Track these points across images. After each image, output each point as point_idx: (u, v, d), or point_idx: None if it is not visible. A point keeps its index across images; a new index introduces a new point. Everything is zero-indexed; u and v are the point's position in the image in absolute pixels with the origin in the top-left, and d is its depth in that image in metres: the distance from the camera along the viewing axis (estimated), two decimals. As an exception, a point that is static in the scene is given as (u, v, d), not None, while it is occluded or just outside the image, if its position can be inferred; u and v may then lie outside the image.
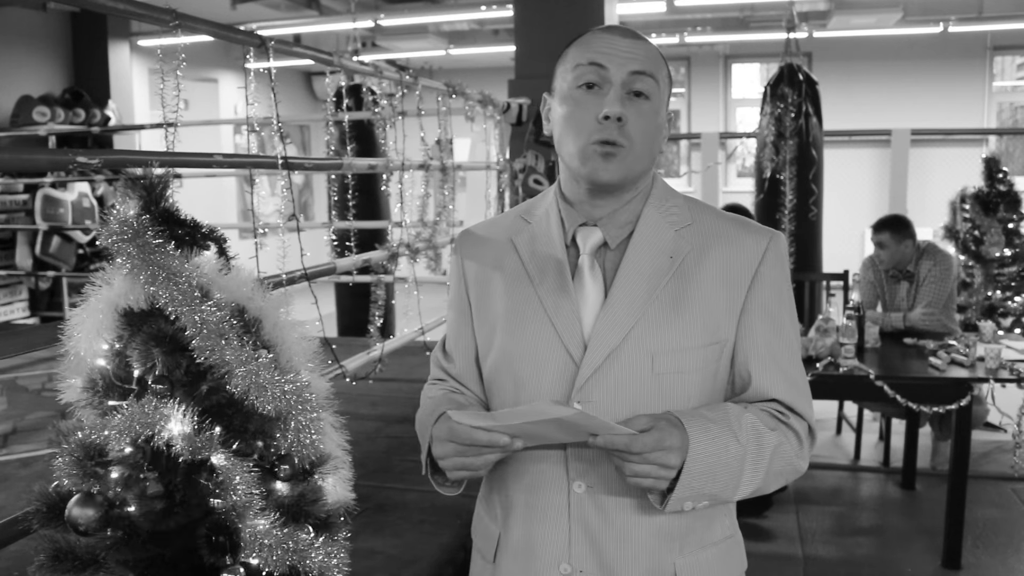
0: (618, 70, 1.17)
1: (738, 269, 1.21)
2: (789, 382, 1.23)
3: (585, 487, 1.20)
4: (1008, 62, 10.18)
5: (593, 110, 1.17)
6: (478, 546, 1.37)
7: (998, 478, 4.13)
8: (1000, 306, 5.24)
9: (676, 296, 1.19)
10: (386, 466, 3.10)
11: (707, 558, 1.23)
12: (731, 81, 10.71)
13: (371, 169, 4.29)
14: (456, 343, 1.37)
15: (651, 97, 1.19)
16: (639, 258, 1.21)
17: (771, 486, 1.20)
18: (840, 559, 3.39)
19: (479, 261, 1.32)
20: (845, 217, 9.28)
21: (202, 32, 2.33)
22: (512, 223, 1.33)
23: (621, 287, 1.20)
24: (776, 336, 1.22)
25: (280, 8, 7.67)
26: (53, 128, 6.89)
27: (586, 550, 1.20)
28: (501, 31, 9.21)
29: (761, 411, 1.19)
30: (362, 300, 5.62)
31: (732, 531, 1.29)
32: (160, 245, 1.33)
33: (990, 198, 5.32)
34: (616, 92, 1.17)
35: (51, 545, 1.31)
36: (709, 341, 1.19)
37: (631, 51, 1.18)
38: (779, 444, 1.17)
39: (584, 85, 1.19)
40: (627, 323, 1.18)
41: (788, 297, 1.25)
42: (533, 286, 1.24)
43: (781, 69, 5.62)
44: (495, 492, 1.33)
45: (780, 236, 1.25)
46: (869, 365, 3.41)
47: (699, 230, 1.23)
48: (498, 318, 1.27)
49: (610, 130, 1.16)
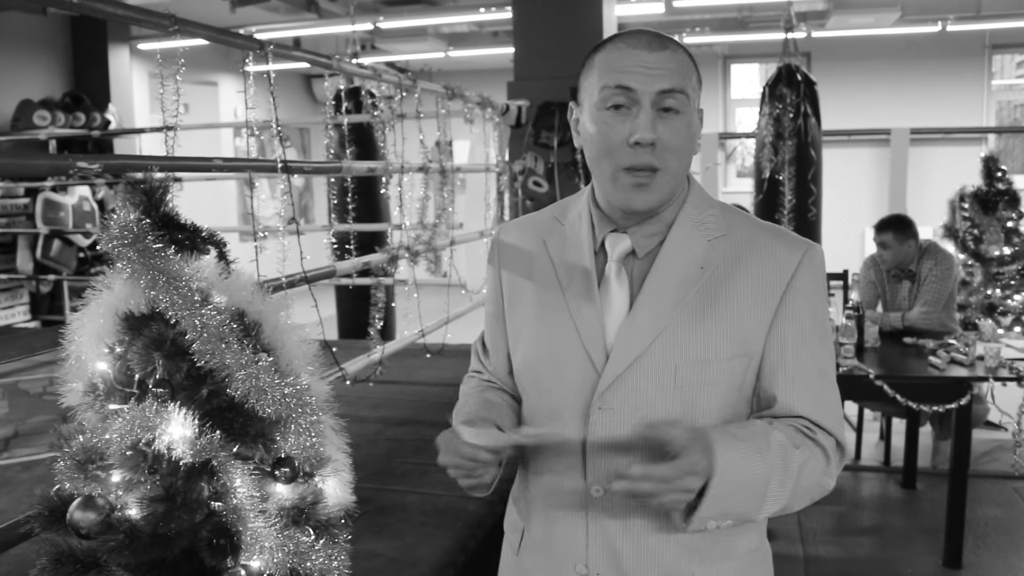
0: (646, 90, 1.13)
1: (770, 281, 1.17)
2: (816, 399, 1.19)
3: (603, 491, 1.19)
4: (1007, 60, 10.18)
5: (622, 133, 1.13)
6: (508, 538, 1.39)
7: (999, 477, 4.14)
8: (1000, 305, 5.24)
9: (704, 307, 1.16)
10: (387, 468, 3.11)
11: (729, 570, 1.21)
12: (730, 81, 10.72)
13: (371, 172, 4.29)
14: (492, 338, 1.39)
15: (682, 111, 1.15)
16: (669, 267, 1.18)
17: (797, 504, 1.16)
18: (841, 559, 3.39)
19: (513, 260, 1.32)
20: (845, 217, 9.29)
21: (201, 37, 2.33)
22: (546, 223, 1.32)
23: (648, 295, 1.18)
24: (806, 351, 1.18)
25: (279, 11, 7.68)
26: (53, 132, 6.90)
27: (603, 554, 1.20)
28: (500, 33, 9.22)
29: (788, 427, 1.15)
30: (362, 303, 5.62)
31: (759, 544, 1.26)
32: (160, 249, 1.34)
33: (989, 197, 5.33)
34: (646, 115, 1.12)
35: (52, 549, 1.32)
36: (736, 354, 1.16)
37: (659, 67, 1.13)
38: (805, 461, 1.13)
39: (612, 107, 1.14)
40: (651, 332, 1.16)
41: (823, 311, 1.21)
42: (561, 290, 1.23)
43: (779, 69, 5.63)
44: (521, 487, 1.35)
45: (817, 248, 1.21)
46: (869, 365, 3.41)
47: (733, 240, 1.20)
48: (526, 318, 1.28)
49: (642, 156, 1.13)
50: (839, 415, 1.21)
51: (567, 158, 4.94)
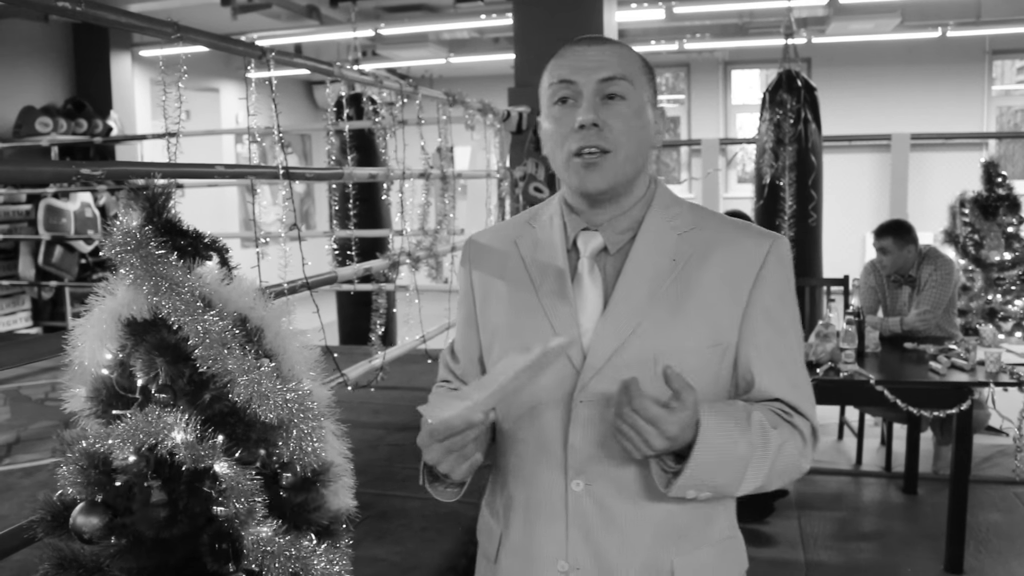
0: (587, 80, 1.20)
1: (740, 272, 1.22)
2: (792, 383, 1.24)
3: (584, 485, 1.21)
4: (1008, 66, 10.19)
5: (569, 122, 1.20)
6: (482, 547, 1.39)
7: (1000, 482, 4.13)
8: (1000, 310, 5.24)
9: (678, 299, 1.20)
10: (388, 474, 3.11)
11: (705, 557, 1.24)
12: (731, 87, 10.73)
13: (372, 178, 4.30)
14: (463, 344, 1.40)
15: (628, 97, 1.20)
16: (642, 261, 1.22)
17: (773, 484, 1.21)
18: (842, 564, 3.39)
19: (484, 263, 1.34)
20: (846, 222, 9.29)
21: (202, 44, 2.35)
22: (517, 227, 1.35)
23: (623, 289, 1.21)
24: (779, 338, 1.23)
25: (281, 18, 7.70)
26: (56, 138, 6.92)
27: (583, 548, 1.21)
28: (501, 39, 9.24)
29: (768, 410, 1.20)
30: (364, 308, 5.63)
31: (732, 532, 1.30)
32: (163, 256, 1.34)
33: (989, 202, 5.33)
34: (589, 100, 1.19)
35: (55, 553, 1.32)
36: (711, 343, 1.20)
37: (599, 59, 1.20)
38: (783, 443, 1.18)
39: (559, 101, 1.22)
40: (629, 325, 1.19)
41: (791, 299, 1.26)
42: (534, 288, 1.26)
43: (779, 75, 5.64)
44: (497, 492, 1.35)
45: (783, 239, 1.26)
46: (869, 370, 3.41)
47: (702, 234, 1.24)
48: (500, 320, 1.29)
49: (588, 137, 1.18)
50: (812, 399, 1.27)
51: (568, 164, 4.93)
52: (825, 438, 4.92)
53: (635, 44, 9.03)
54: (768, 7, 7.70)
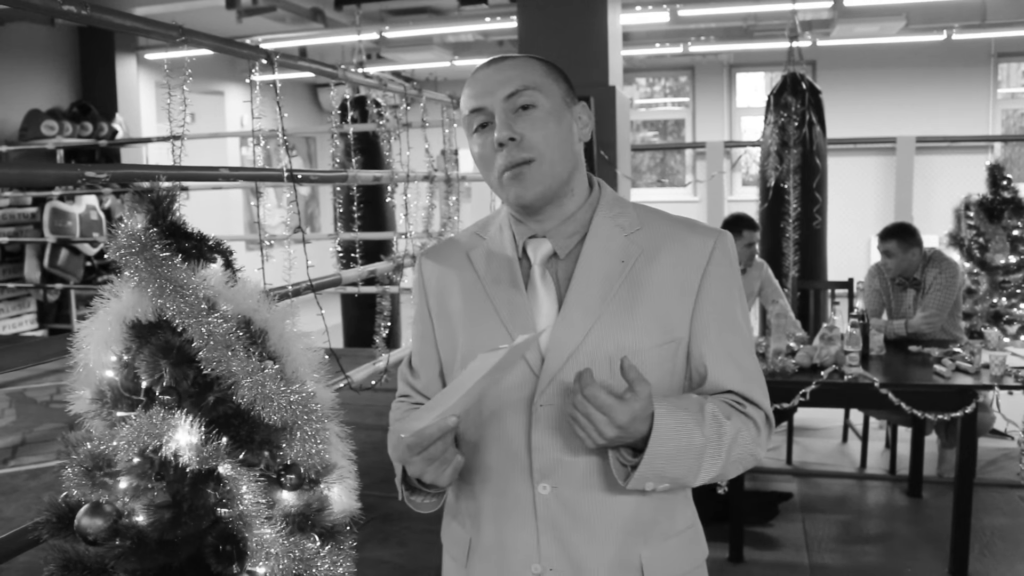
0: (494, 101, 1.22)
1: (688, 269, 1.24)
2: (744, 374, 1.27)
3: (550, 488, 1.23)
4: (1013, 69, 10.17)
5: (491, 144, 1.23)
6: (449, 551, 1.39)
7: (1005, 485, 4.12)
8: (1005, 313, 5.23)
9: (630, 299, 1.23)
10: (392, 476, 3.11)
11: (671, 547, 1.28)
12: (735, 90, 10.72)
13: (376, 181, 4.31)
14: (421, 358, 1.41)
15: (538, 104, 1.23)
16: (591, 263, 1.25)
17: (730, 473, 1.24)
18: (847, 567, 3.38)
19: (438, 276, 1.36)
20: (851, 225, 9.28)
21: (207, 47, 2.35)
22: (468, 239, 1.37)
23: (576, 292, 1.23)
24: (729, 331, 1.26)
25: (286, 21, 7.72)
26: (61, 142, 6.95)
27: (555, 549, 1.23)
28: (506, 42, 9.25)
29: (721, 401, 1.23)
30: (368, 311, 5.64)
31: (693, 520, 1.33)
32: (167, 258, 1.35)
33: (995, 205, 5.32)
34: (500, 119, 1.22)
35: (60, 555, 1.33)
36: (665, 340, 1.23)
37: (500, 78, 1.24)
38: (737, 432, 1.20)
39: (478, 128, 1.25)
40: (584, 327, 1.22)
41: (738, 293, 1.29)
42: (488, 297, 1.28)
43: (784, 78, 5.64)
44: (462, 499, 1.35)
45: (726, 235, 1.29)
46: (874, 373, 3.41)
47: (648, 234, 1.27)
48: (458, 333, 1.32)
49: (510, 153, 1.21)
50: (764, 388, 1.29)
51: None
52: (829, 441, 4.91)
53: (640, 47, 9.06)
54: (773, 10, 7.70)
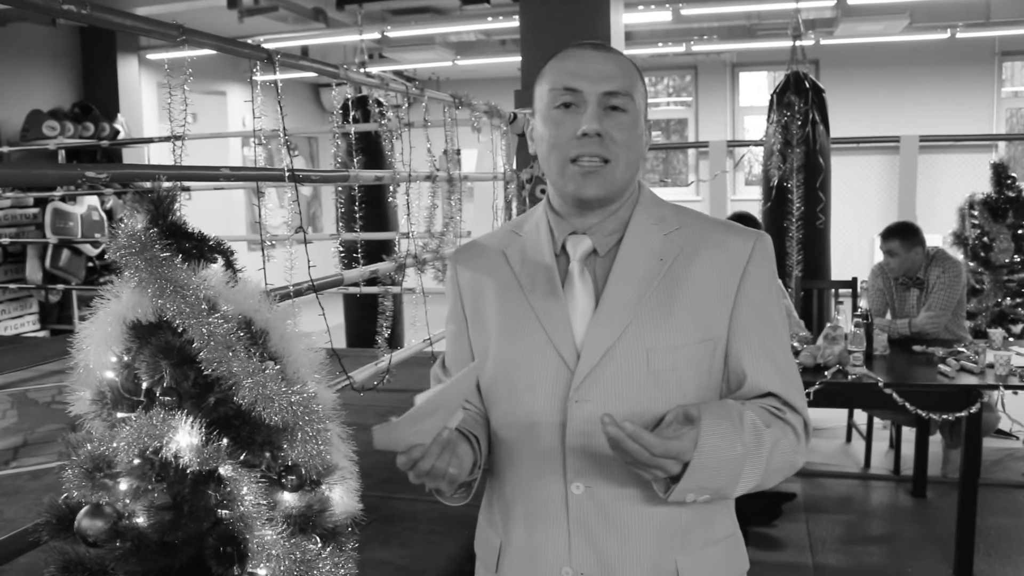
0: (592, 90, 1.21)
1: (727, 270, 1.24)
2: (783, 376, 1.25)
3: (584, 487, 1.21)
4: (1017, 67, 10.14)
5: (571, 128, 1.21)
6: (481, 558, 1.39)
7: (1010, 486, 4.11)
8: (1010, 313, 5.21)
9: (667, 297, 1.22)
10: (393, 476, 3.09)
11: (710, 556, 1.25)
12: (738, 89, 10.70)
13: (378, 180, 4.30)
14: (454, 357, 1.40)
15: (628, 110, 1.22)
16: (630, 261, 1.24)
17: (769, 482, 1.22)
18: (850, 568, 3.37)
19: (473, 275, 1.35)
20: (854, 224, 9.25)
21: (209, 47, 2.34)
22: (504, 237, 1.36)
23: (614, 289, 1.23)
24: (767, 332, 1.25)
25: (287, 21, 7.71)
26: (63, 142, 6.94)
27: (587, 552, 1.22)
28: (508, 41, 9.24)
29: (760, 408, 1.21)
30: (370, 311, 5.62)
31: (733, 530, 1.31)
32: (168, 258, 1.34)
33: (999, 204, 5.30)
34: (592, 109, 1.20)
35: (61, 557, 1.32)
36: (702, 338, 1.22)
37: (603, 69, 1.22)
38: (777, 441, 1.19)
39: (561, 105, 1.22)
40: (621, 323, 1.21)
41: (776, 295, 1.29)
42: (524, 294, 1.27)
43: (787, 77, 5.62)
44: (495, 501, 1.35)
45: (765, 236, 1.29)
46: (878, 373, 3.40)
47: (687, 234, 1.26)
48: (492, 328, 1.30)
49: (589, 146, 1.20)
50: (802, 391, 1.29)
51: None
52: (833, 441, 4.89)
53: (642, 46, 9.05)
54: (776, 8, 7.68)
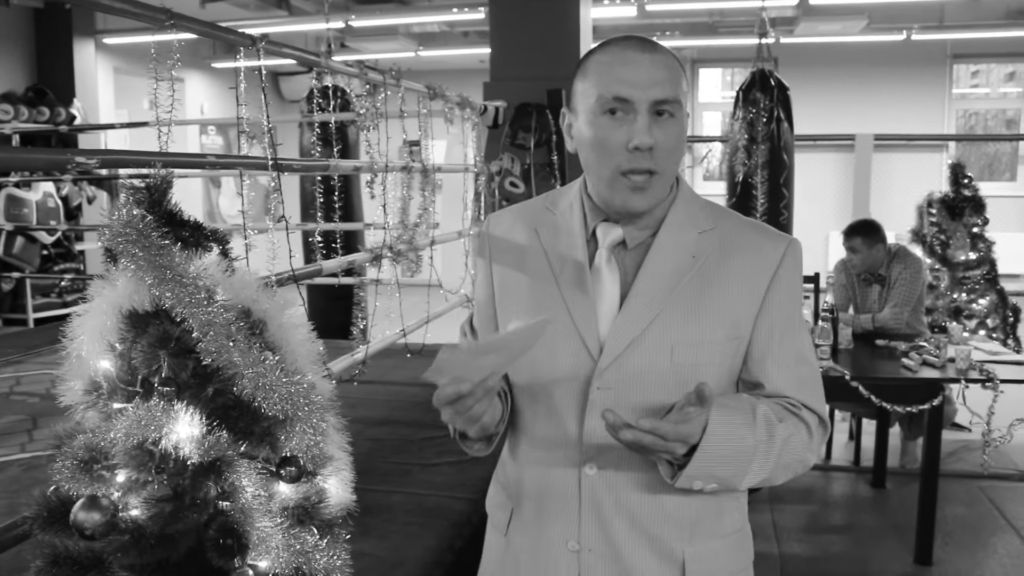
0: (643, 99, 1.17)
1: (758, 271, 1.25)
2: (803, 380, 1.27)
3: (597, 469, 1.23)
4: (968, 70, 10.39)
5: (620, 138, 1.18)
6: (492, 518, 1.41)
7: (966, 476, 4.23)
8: (965, 308, 5.36)
9: (698, 293, 1.22)
10: (368, 468, 3.09)
11: (716, 548, 1.27)
12: (698, 86, 10.81)
13: (356, 170, 4.27)
14: (481, 321, 1.41)
15: (676, 116, 1.19)
16: (663, 255, 1.24)
17: (779, 478, 1.23)
18: (815, 556, 3.45)
19: (504, 250, 1.35)
20: (810, 220, 9.41)
21: (195, 32, 2.31)
22: (537, 212, 1.35)
23: (644, 280, 1.23)
24: (791, 335, 1.26)
25: (249, 7, 7.61)
26: (17, 126, 6.75)
27: (595, 530, 1.24)
28: (471, 33, 9.21)
29: (774, 403, 1.23)
30: (336, 302, 5.58)
31: (742, 524, 1.33)
32: (166, 247, 1.32)
33: (956, 203, 5.44)
34: (643, 120, 1.17)
35: (49, 550, 1.29)
36: (728, 337, 1.23)
37: (654, 76, 1.17)
38: (789, 436, 1.20)
39: (609, 112, 1.18)
40: (649, 315, 1.21)
41: (800, 300, 1.31)
42: (553, 275, 1.27)
43: (753, 74, 5.69)
44: (509, 469, 1.37)
45: (796, 242, 1.29)
46: (843, 366, 3.47)
47: (721, 233, 1.27)
48: (519, 303, 1.30)
49: (640, 160, 1.18)
50: (822, 395, 1.29)
51: (543, 159, 4.95)
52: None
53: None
54: (739, 6, 7.78)
